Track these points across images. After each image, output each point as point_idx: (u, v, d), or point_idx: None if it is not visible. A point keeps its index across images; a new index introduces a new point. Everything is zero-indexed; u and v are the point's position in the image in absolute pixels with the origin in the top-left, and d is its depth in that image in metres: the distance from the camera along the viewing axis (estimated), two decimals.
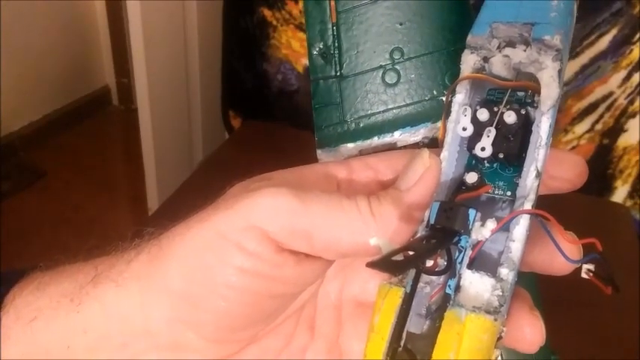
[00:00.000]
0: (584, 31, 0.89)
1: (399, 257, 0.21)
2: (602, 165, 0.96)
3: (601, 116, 0.93)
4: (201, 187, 0.92)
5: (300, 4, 1.04)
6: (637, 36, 0.87)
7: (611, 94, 0.92)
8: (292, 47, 1.09)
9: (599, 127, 0.94)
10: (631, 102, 0.91)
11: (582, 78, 0.92)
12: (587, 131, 0.95)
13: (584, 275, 0.23)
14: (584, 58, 0.90)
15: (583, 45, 0.90)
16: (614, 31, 0.88)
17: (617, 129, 0.93)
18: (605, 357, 0.64)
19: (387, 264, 0.20)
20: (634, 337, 0.65)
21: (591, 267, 0.23)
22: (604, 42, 0.88)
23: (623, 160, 0.95)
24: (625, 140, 0.94)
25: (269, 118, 1.16)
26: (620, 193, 0.97)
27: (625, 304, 0.69)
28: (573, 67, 0.92)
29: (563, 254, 0.23)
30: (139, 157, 1.30)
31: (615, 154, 0.95)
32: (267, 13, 1.08)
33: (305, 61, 1.09)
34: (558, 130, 0.96)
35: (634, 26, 0.87)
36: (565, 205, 0.25)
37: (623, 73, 0.90)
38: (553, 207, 0.23)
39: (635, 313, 0.67)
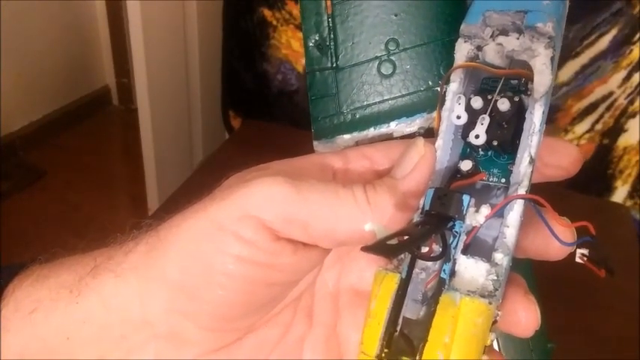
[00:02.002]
0: (584, 31, 0.89)
1: (394, 242, 0.21)
2: (602, 165, 0.96)
3: (601, 116, 0.93)
4: (201, 187, 0.92)
5: None
6: (637, 36, 0.87)
7: (611, 94, 0.92)
8: (292, 47, 1.09)
9: (599, 127, 0.94)
10: (631, 102, 0.91)
11: (582, 78, 0.92)
12: (587, 131, 0.95)
13: (578, 260, 0.23)
14: (584, 58, 0.90)
15: (583, 45, 0.90)
16: (614, 31, 0.88)
17: (617, 129, 0.93)
18: (605, 357, 0.64)
19: (381, 248, 0.20)
20: (634, 337, 0.65)
21: (585, 252, 0.23)
22: (604, 42, 0.88)
23: (623, 160, 0.95)
24: (625, 140, 0.94)
25: (269, 118, 1.16)
26: (620, 193, 0.97)
27: (625, 304, 0.69)
28: (573, 67, 0.92)
29: (557, 238, 0.23)
30: (139, 157, 1.30)
31: (615, 154, 0.95)
32: (267, 13, 1.09)
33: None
34: (558, 129, 0.96)
35: (634, 26, 0.87)
36: (565, 205, 0.25)
37: (623, 73, 0.90)
38: (553, 207, 0.24)
39: (635, 313, 0.67)
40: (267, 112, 1.17)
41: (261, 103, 1.17)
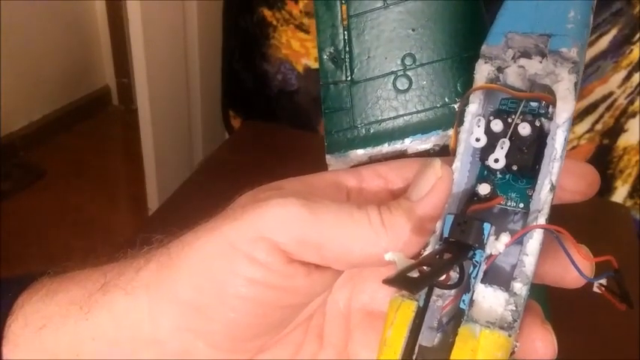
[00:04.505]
0: None
1: (414, 272, 0.21)
2: (602, 165, 0.96)
3: (601, 116, 0.93)
4: (201, 187, 0.92)
5: (300, 5, 1.04)
6: (637, 36, 0.87)
7: (611, 94, 0.92)
8: (292, 47, 1.09)
9: (599, 127, 0.94)
10: (631, 102, 0.91)
11: (582, 78, 0.92)
12: (587, 131, 0.95)
13: (595, 289, 0.23)
14: None
15: None
16: (614, 31, 0.87)
17: (617, 129, 0.93)
18: (605, 357, 0.64)
19: (403, 281, 0.20)
20: (634, 337, 0.64)
21: (603, 281, 0.23)
22: (604, 42, 0.88)
23: (623, 160, 0.95)
24: (625, 140, 0.94)
25: (269, 118, 1.16)
26: (620, 193, 0.97)
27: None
28: None
29: (579, 271, 0.22)
30: (139, 157, 1.30)
31: (615, 154, 0.95)
32: (267, 13, 1.08)
33: (305, 61, 1.09)
34: None
35: (634, 26, 0.87)
36: (565, 204, 0.25)
37: (623, 73, 0.90)
38: (554, 207, 0.23)
39: (635, 313, 0.66)
40: (267, 112, 1.17)
41: (261, 103, 1.17)
